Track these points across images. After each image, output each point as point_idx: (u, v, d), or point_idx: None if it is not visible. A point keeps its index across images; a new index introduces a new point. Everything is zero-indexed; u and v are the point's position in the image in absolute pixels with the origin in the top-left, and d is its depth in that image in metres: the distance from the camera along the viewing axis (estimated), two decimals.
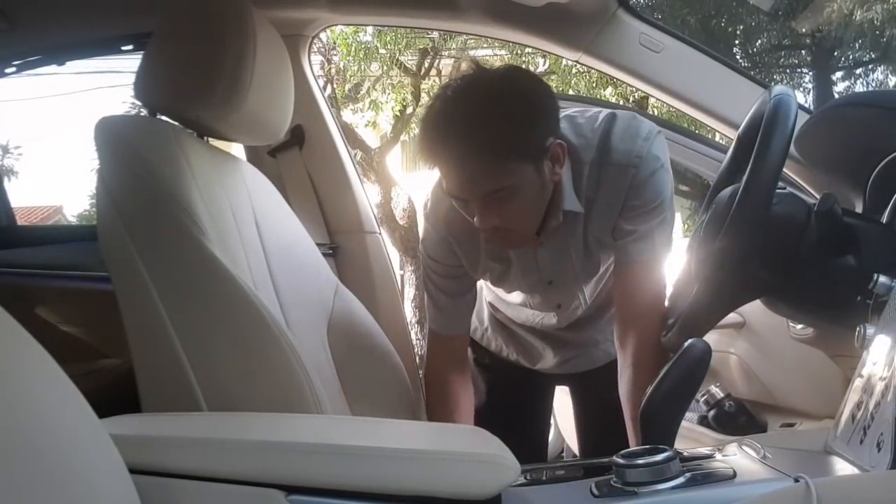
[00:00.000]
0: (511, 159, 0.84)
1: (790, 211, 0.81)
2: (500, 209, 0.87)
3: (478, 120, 0.83)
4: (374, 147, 5.66)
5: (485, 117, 0.83)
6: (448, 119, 0.85)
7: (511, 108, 0.84)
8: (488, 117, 0.83)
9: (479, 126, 0.83)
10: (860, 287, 0.73)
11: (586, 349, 1.20)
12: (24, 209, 7.49)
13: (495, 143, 0.83)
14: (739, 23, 7.48)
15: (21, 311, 0.47)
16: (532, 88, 0.87)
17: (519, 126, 0.84)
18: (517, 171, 0.85)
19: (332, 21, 1.41)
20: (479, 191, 0.86)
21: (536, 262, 1.02)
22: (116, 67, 4.39)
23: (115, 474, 0.49)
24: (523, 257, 1.02)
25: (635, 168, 0.91)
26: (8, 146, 9.03)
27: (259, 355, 0.80)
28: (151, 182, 0.81)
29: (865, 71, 8.06)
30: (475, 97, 0.85)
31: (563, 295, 1.09)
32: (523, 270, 1.04)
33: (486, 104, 0.84)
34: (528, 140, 0.85)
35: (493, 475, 0.59)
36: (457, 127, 0.84)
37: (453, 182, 0.87)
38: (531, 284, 1.06)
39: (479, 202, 0.87)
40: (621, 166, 0.92)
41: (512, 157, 0.84)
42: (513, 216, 0.89)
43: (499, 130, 0.83)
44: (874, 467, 0.58)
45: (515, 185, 0.86)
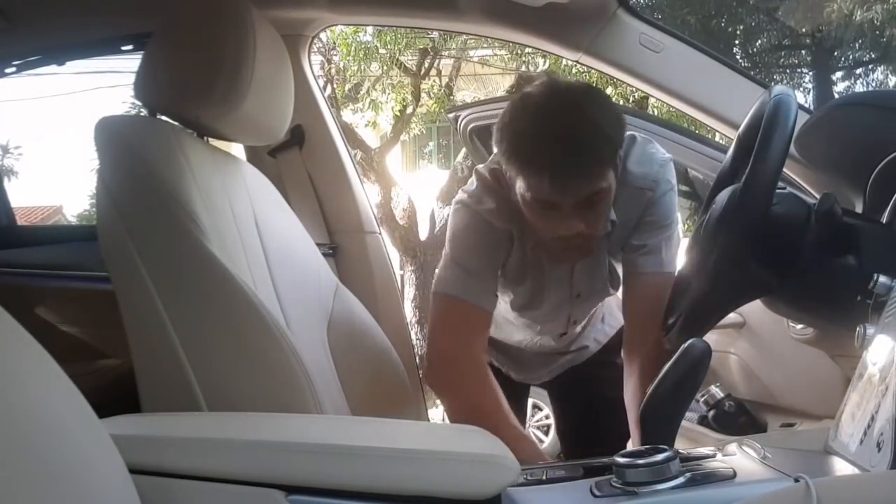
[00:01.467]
0: (608, 162, 0.88)
1: (790, 211, 0.81)
2: (588, 213, 0.89)
3: (588, 125, 0.85)
4: (374, 147, 5.66)
5: (594, 123, 0.86)
6: (550, 122, 0.86)
7: (609, 115, 0.88)
8: (597, 123, 0.86)
9: (591, 131, 0.85)
10: (860, 287, 0.73)
11: (575, 356, 1.24)
12: (24, 209, 7.48)
13: (604, 148, 0.86)
14: (739, 23, 7.48)
15: (21, 311, 0.47)
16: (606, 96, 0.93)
17: (617, 132, 0.88)
18: (609, 175, 0.89)
19: (332, 21, 1.41)
20: (580, 194, 0.87)
21: (572, 275, 1.05)
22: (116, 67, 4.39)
23: (115, 474, 0.49)
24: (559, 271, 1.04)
25: (651, 191, 0.98)
26: (8, 146, 9.03)
27: (259, 355, 0.80)
28: (151, 182, 0.81)
29: (865, 71, 8.06)
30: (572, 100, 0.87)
31: (583, 310, 1.12)
32: (558, 283, 1.05)
33: (591, 111, 0.87)
34: (619, 141, 0.89)
35: (492, 475, 0.59)
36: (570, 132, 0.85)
37: (554, 186, 0.86)
38: (559, 299, 1.07)
39: (571, 207, 0.88)
40: (639, 189, 0.97)
41: (609, 160, 0.88)
42: (595, 220, 0.91)
43: (606, 136, 0.86)
44: (874, 467, 0.58)
45: (606, 188, 0.89)
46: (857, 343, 0.68)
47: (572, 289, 1.06)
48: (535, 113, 0.87)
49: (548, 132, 0.86)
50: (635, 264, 1.00)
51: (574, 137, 0.85)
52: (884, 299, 0.70)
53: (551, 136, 0.85)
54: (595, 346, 1.25)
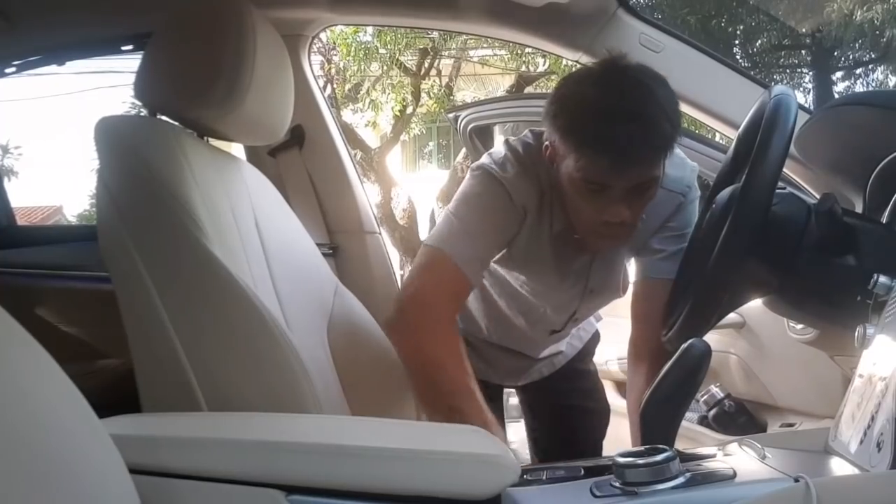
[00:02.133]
0: (671, 148, 0.85)
1: (790, 211, 0.81)
2: (636, 201, 0.87)
3: (659, 110, 0.82)
4: (374, 147, 5.67)
5: (660, 104, 0.83)
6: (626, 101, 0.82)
7: (671, 98, 0.85)
8: (662, 105, 0.83)
9: (663, 116, 0.82)
10: (860, 287, 0.73)
11: (549, 362, 1.21)
12: (25, 209, 7.48)
13: (669, 130, 0.84)
14: (739, 23, 7.49)
15: (21, 311, 0.47)
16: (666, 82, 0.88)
17: (677, 116, 0.86)
18: (663, 162, 0.87)
19: (331, 21, 1.41)
20: (638, 177, 0.85)
21: (590, 268, 1.02)
22: (116, 67, 4.40)
23: (115, 474, 0.49)
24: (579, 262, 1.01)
25: (683, 196, 0.97)
26: (8, 146, 9.03)
27: (258, 355, 0.80)
28: (151, 182, 0.81)
29: (865, 71, 8.06)
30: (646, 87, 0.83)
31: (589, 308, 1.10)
32: (575, 275, 1.02)
33: (657, 92, 0.83)
34: (679, 130, 0.86)
35: (493, 475, 0.59)
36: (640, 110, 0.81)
37: (616, 166, 0.83)
38: (572, 291, 1.04)
39: (622, 191, 0.85)
40: (671, 192, 0.96)
41: (672, 145, 0.85)
42: (640, 209, 0.89)
43: (670, 118, 0.83)
44: (874, 467, 0.58)
45: (657, 176, 0.87)
46: (856, 343, 0.68)
47: (588, 282, 1.03)
48: (603, 88, 0.83)
49: (618, 109, 0.81)
50: (650, 269, 0.99)
51: (644, 116, 0.81)
52: (884, 299, 0.70)
53: (622, 114, 0.81)
54: (570, 351, 1.22)
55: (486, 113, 1.72)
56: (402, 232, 5.43)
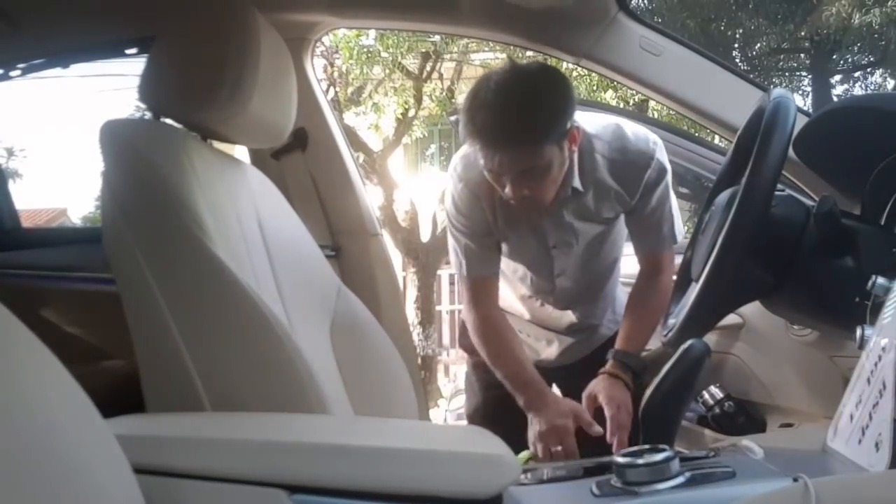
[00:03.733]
0: (547, 142, 0.98)
1: (789, 213, 0.81)
2: (530, 182, 1.01)
3: (523, 109, 0.96)
4: (377, 150, 5.67)
5: (529, 107, 0.97)
6: (495, 106, 0.97)
7: (548, 99, 0.99)
8: (532, 107, 0.97)
9: (525, 114, 0.96)
10: (858, 288, 0.73)
11: (585, 335, 1.29)
12: (29, 211, 7.48)
13: (537, 129, 0.97)
14: (738, 26, 7.49)
15: (26, 313, 0.47)
16: (561, 81, 1.03)
17: (554, 115, 0.99)
18: (548, 151, 0.99)
19: (334, 25, 1.41)
20: (517, 168, 0.99)
21: (543, 228, 1.16)
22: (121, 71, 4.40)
23: (120, 474, 0.49)
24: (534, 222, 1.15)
25: (650, 168, 1.11)
26: (13, 149, 9.03)
27: (262, 356, 0.80)
28: (156, 185, 0.82)
29: (864, 74, 8.06)
30: (518, 88, 0.98)
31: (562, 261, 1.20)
32: (535, 236, 1.17)
33: (529, 95, 0.97)
34: (559, 126, 0.99)
35: (493, 475, 0.60)
36: (504, 114, 0.96)
37: (495, 160, 0.99)
38: (537, 248, 1.19)
39: (515, 175, 1.00)
40: (639, 166, 1.11)
41: (547, 140, 0.98)
42: (539, 188, 1.03)
43: (540, 119, 0.97)
44: (873, 467, 0.58)
45: (546, 163, 1.00)
46: (855, 343, 0.68)
47: (547, 239, 1.17)
48: (485, 97, 0.98)
49: (492, 105, 0.97)
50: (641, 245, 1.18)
51: (515, 122, 0.96)
52: (882, 300, 0.71)
53: (493, 110, 0.96)
54: (606, 330, 1.29)
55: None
56: (405, 234, 5.43)
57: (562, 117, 0.99)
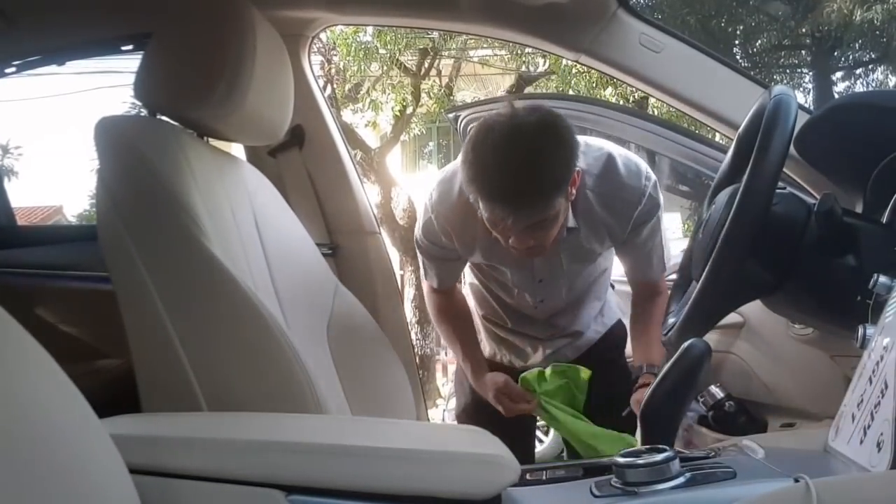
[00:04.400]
0: (555, 197, 0.98)
1: (790, 211, 0.81)
2: (537, 233, 1.01)
3: (531, 167, 0.95)
4: (374, 147, 5.67)
5: (537, 164, 0.95)
6: (502, 166, 0.95)
7: (555, 152, 0.97)
8: (540, 164, 0.95)
9: (534, 173, 0.95)
10: (860, 287, 0.73)
11: (571, 340, 1.31)
12: (25, 209, 7.47)
13: (546, 186, 0.96)
14: (739, 23, 7.49)
15: (21, 312, 0.47)
16: (566, 131, 0.99)
17: (562, 167, 0.97)
18: (556, 204, 0.99)
19: (331, 21, 1.41)
20: (526, 222, 0.99)
21: (532, 264, 1.18)
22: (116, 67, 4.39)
23: (115, 474, 0.49)
24: (520, 261, 1.16)
25: (641, 204, 1.11)
26: (8, 146, 9.02)
27: (259, 355, 0.80)
28: (151, 182, 0.81)
29: (865, 71, 8.06)
30: (524, 145, 0.95)
31: (549, 291, 1.23)
32: (519, 271, 1.20)
33: (536, 151, 0.95)
34: (567, 177, 0.98)
35: (493, 475, 0.59)
36: (513, 174, 0.94)
37: (507, 221, 0.98)
38: (523, 280, 1.22)
39: (522, 228, 0.99)
40: (630, 202, 1.11)
41: (555, 195, 0.97)
42: (544, 238, 1.03)
43: (549, 174, 0.96)
44: (874, 467, 0.58)
45: (553, 216, 1.00)
46: (856, 343, 0.68)
47: (534, 274, 1.20)
48: (492, 146, 0.96)
49: (500, 166, 0.95)
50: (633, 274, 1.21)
51: (522, 174, 0.94)
52: (884, 299, 0.70)
53: (503, 171, 0.95)
54: (593, 334, 1.33)
55: (487, 113, 1.71)
56: (402, 232, 5.43)
57: (569, 167, 0.98)
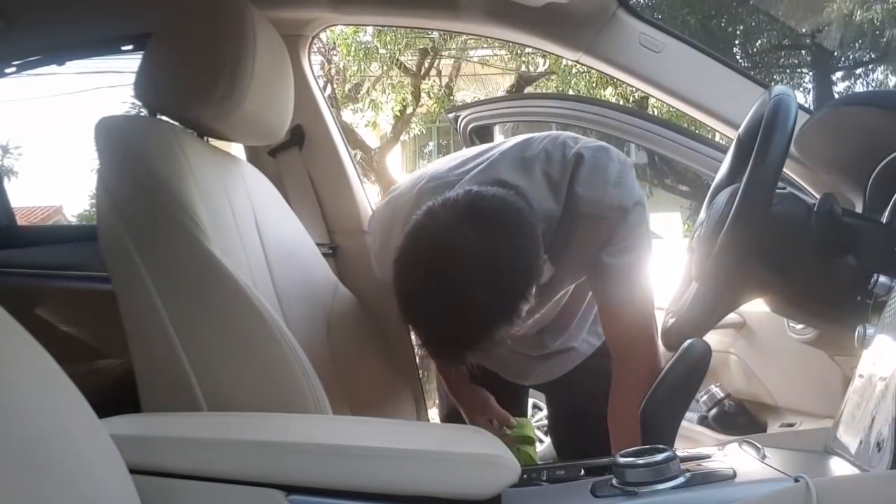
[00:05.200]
0: (489, 341, 0.77)
1: (790, 211, 0.81)
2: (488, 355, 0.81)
3: (456, 309, 0.74)
4: (374, 147, 5.67)
5: (467, 317, 0.75)
6: (426, 309, 0.77)
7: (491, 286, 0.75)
8: (468, 306, 0.74)
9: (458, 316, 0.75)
10: (860, 287, 0.73)
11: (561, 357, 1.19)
12: (25, 209, 7.46)
13: (477, 341, 0.77)
14: (739, 23, 7.48)
15: (21, 312, 0.47)
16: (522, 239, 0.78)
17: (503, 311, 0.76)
18: (488, 338, 0.78)
19: (331, 21, 1.41)
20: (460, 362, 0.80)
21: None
22: (116, 67, 4.39)
23: (115, 474, 0.49)
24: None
25: (608, 219, 0.89)
26: (8, 146, 9.01)
27: (259, 355, 0.80)
28: (151, 182, 0.81)
29: (865, 71, 8.06)
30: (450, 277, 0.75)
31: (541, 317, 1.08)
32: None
33: (463, 286, 0.74)
34: (508, 317, 0.77)
35: (493, 475, 0.59)
36: (434, 313, 0.76)
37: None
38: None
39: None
40: (592, 218, 0.89)
41: (490, 339, 0.77)
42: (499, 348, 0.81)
43: (483, 330, 0.76)
44: (874, 467, 0.58)
45: (496, 345, 0.78)
46: (857, 343, 0.68)
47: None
48: (414, 279, 0.77)
49: (425, 317, 0.78)
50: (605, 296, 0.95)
51: (440, 322, 0.76)
52: (884, 299, 0.70)
53: (419, 314, 0.78)
54: (586, 349, 1.20)
55: (486, 113, 1.72)
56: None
57: (517, 301, 0.76)
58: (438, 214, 0.78)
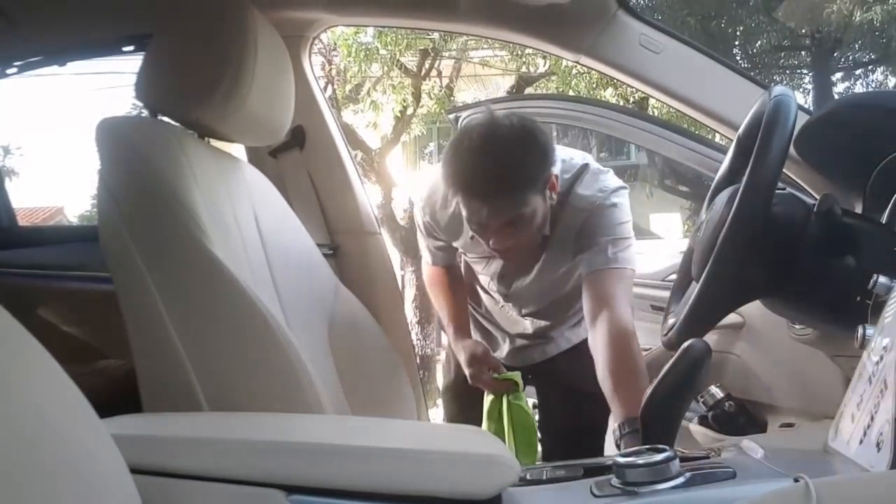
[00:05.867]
0: (529, 193, 1.02)
1: (790, 211, 0.81)
2: (514, 232, 1.05)
3: (507, 159, 1.00)
4: (375, 148, 5.67)
5: (512, 157, 1.00)
6: (480, 159, 1.01)
7: (530, 149, 1.02)
8: (515, 157, 1.00)
9: (508, 167, 1.00)
10: (859, 287, 0.73)
11: (537, 343, 1.37)
12: (26, 210, 7.47)
13: (519, 179, 1.01)
14: (739, 24, 7.49)
15: (23, 312, 0.47)
16: (541, 134, 1.04)
17: (537, 163, 1.02)
18: (532, 201, 1.03)
19: (332, 22, 1.41)
20: (501, 220, 1.03)
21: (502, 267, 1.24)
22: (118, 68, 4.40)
23: (116, 474, 0.49)
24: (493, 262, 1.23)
25: (587, 211, 1.12)
26: (9, 147, 9.02)
27: (259, 355, 0.80)
28: (152, 183, 0.82)
29: (865, 72, 8.06)
30: (500, 141, 1.01)
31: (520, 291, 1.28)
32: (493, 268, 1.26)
33: (511, 146, 1.01)
34: (540, 177, 1.03)
35: (493, 475, 0.59)
36: (489, 166, 1.00)
37: (482, 212, 1.02)
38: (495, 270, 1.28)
39: (499, 226, 1.03)
40: (578, 209, 1.12)
41: (530, 191, 1.02)
42: (522, 237, 1.07)
43: (524, 168, 1.01)
44: (874, 467, 0.58)
45: (529, 213, 1.03)
46: (856, 343, 0.68)
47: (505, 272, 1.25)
48: (468, 146, 1.02)
49: (476, 163, 1.01)
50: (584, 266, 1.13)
51: (495, 170, 1.00)
52: (883, 299, 0.70)
53: (477, 167, 1.01)
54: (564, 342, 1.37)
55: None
56: (403, 232, 5.43)
57: (543, 165, 1.03)
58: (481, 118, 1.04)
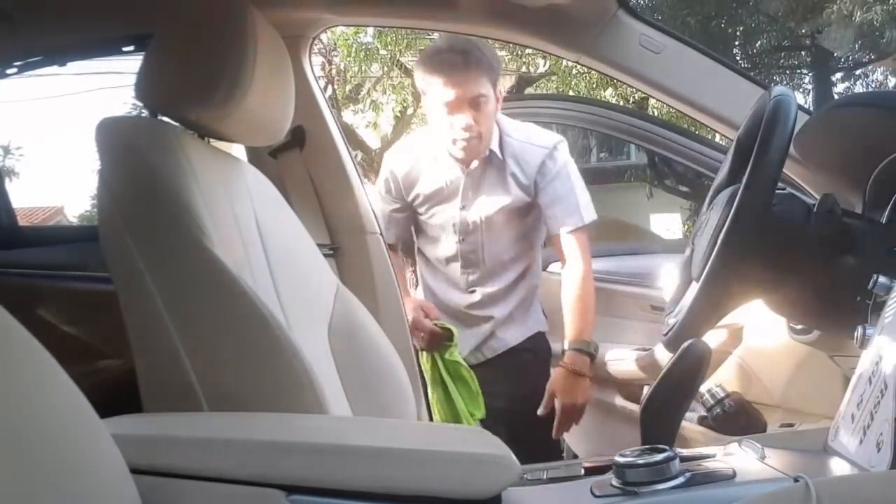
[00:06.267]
0: (485, 77, 1.33)
1: (790, 211, 0.81)
2: (475, 115, 1.33)
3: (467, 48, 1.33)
4: (375, 148, 5.67)
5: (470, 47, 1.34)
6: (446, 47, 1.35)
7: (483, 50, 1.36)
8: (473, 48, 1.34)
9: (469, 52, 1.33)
10: (859, 287, 0.73)
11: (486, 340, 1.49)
12: (26, 210, 7.47)
13: (480, 61, 1.33)
14: (739, 24, 7.49)
15: (22, 312, 0.47)
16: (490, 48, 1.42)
17: (491, 59, 1.36)
18: (486, 88, 1.33)
19: (332, 22, 1.41)
20: (468, 95, 1.31)
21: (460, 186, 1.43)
22: (118, 68, 4.40)
23: (116, 474, 0.49)
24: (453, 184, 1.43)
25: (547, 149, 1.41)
26: (9, 147, 9.03)
27: (260, 355, 0.80)
28: (153, 183, 0.81)
29: (865, 72, 8.06)
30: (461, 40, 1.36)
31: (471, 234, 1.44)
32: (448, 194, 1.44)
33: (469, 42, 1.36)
34: (494, 67, 1.37)
35: (493, 475, 0.59)
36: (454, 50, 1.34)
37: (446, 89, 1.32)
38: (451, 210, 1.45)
39: (463, 104, 1.32)
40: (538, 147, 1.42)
41: (486, 76, 1.34)
42: (481, 121, 1.34)
43: (480, 56, 1.33)
44: (874, 467, 0.58)
45: (487, 96, 1.33)
46: (856, 343, 0.68)
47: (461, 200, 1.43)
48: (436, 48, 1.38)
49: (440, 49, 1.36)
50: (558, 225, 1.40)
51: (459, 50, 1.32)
52: (883, 299, 0.70)
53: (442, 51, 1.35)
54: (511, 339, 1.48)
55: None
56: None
57: (494, 63, 1.36)
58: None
